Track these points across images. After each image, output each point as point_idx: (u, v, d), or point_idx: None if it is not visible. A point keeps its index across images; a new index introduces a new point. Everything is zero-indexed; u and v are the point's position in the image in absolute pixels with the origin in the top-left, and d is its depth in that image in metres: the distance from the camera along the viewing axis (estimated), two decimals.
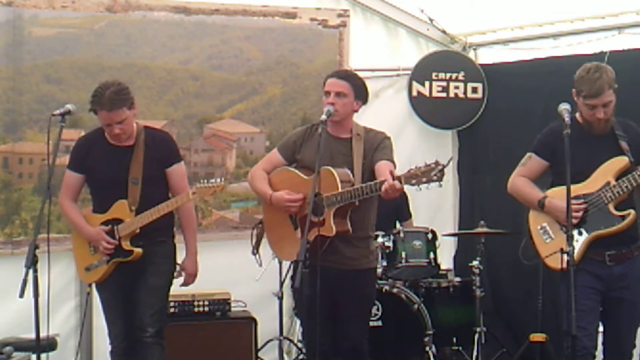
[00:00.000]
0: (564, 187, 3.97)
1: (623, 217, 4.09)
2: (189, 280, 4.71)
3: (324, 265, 4.00)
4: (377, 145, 4.31)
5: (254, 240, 4.90)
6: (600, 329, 4.31)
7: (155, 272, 4.46)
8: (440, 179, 3.78)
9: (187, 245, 4.65)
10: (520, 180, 4.42)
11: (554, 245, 4.16)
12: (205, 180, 4.12)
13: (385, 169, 4.08)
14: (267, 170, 4.51)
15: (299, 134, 4.49)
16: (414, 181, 3.82)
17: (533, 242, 4.33)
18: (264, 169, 4.52)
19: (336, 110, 4.27)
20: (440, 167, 3.76)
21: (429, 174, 3.77)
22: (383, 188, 3.89)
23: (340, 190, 4.08)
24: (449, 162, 3.81)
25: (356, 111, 4.42)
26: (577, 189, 4.10)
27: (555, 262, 4.05)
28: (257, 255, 4.92)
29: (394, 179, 3.84)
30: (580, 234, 4.17)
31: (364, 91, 4.41)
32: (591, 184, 4.15)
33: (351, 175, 4.19)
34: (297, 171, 4.38)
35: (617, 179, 4.11)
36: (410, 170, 3.84)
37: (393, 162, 4.27)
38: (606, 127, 4.19)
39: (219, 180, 4.09)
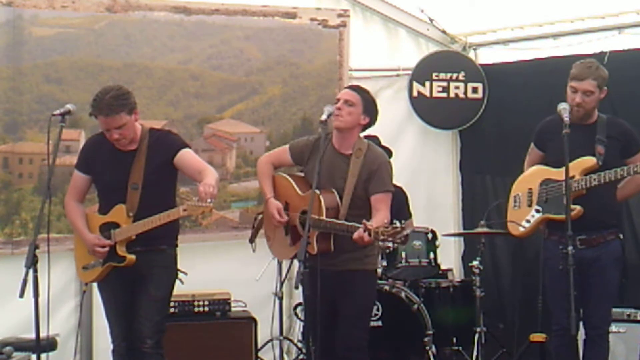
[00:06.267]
0: (538, 167, 4.72)
1: (571, 210, 4.33)
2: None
3: (323, 268, 4.14)
4: (375, 170, 4.40)
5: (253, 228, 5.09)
6: None
7: (155, 283, 4.42)
8: (403, 243, 3.99)
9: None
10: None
11: (518, 213, 4.75)
12: (196, 199, 4.11)
13: (379, 207, 4.30)
14: (274, 164, 4.71)
15: (309, 145, 4.58)
16: (382, 237, 3.96)
17: (506, 206, 4.88)
18: (272, 162, 4.71)
19: (341, 116, 4.39)
20: (405, 234, 3.94)
21: (395, 237, 3.94)
22: (353, 237, 4.08)
23: (324, 217, 4.26)
24: (410, 231, 4.15)
25: (363, 126, 4.50)
26: (551, 172, 4.61)
27: (513, 229, 4.77)
28: (254, 244, 5.03)
29: (365, 230, 4.00)
30: (537, 211, 4.65)
31: (373, 108, 4.51)
32: (562, 173, 4.38)
33: (339, 202, 4.35)
34: (294, 184, 4.55)
35: (583, 176, 4.43)
36: (379, 227, 3.97)
37: (389, 190, 4.42)
38: (584, 117, 4.52)
39: (209, 201, 4.08)
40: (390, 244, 3.98)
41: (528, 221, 4.67)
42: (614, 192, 4.58)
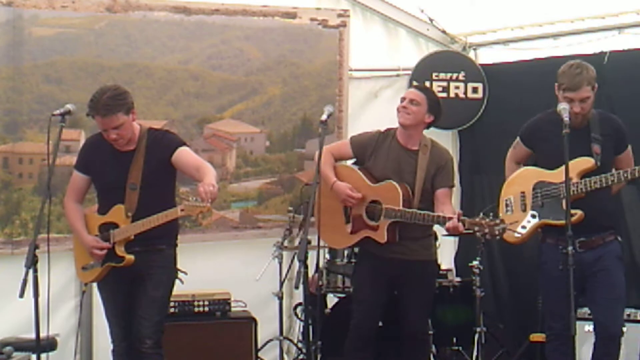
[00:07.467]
0: (529, 169, 4.62)
1: (571, 215, 4.22)
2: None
3: (390, 256, 4.64)
4: (442, 166, 4.73)
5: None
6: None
7: (154, 283, 4.42)
8: (500, 235, 4.22)
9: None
10: (509, 172, 4.84)
11: (511, 219, 4.54)
12: (194, 199, 4.11)
13: (444, 200, 4.63)
14: (335, 156, 4.92)
15: (372, 140, 4.83)
16: (477, 228, 4.25)
17: (497, 210, 4.69)
18: (332, 153, 4.91)
19: (407, 114, 4.68)
20: (503, 226, 4.19)
21: (493, 229, 4.21)
22: (447, 225, 4.38)
23: (401, 207, 4.55)
24: (512, 223, 4.28)
25: (427, 124, 4.78)
26: (545, 174, 4.48)
27: (508, 236, 4.49)
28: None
29: (459, 220, 4.32)
30: (533, 217, 4.51)
31: (437, 107, 4.81)
32: (557, 175, 4.34)
33: (411, 193, 4.64)
34: (363, 175, 4.78)
35: (580, 178, 4.33)
36: (477, 218, 4.28)
37: (453, 185, 4.78)
38: (582, 121, 4.42)
39: (209, 201, 4.07)
40: (487, 236, 4.22)
41: (524, 227, 4.52)
42: (610, 192, 4.50)
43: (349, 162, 5.02)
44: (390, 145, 4.78)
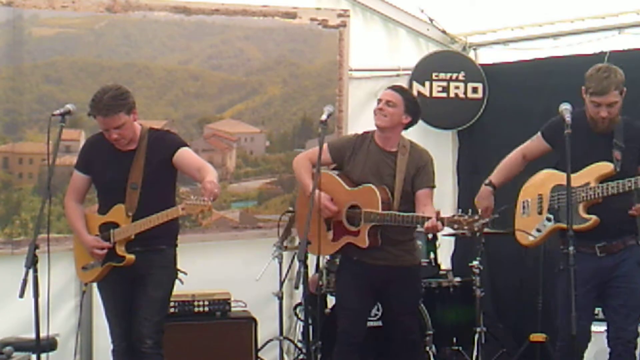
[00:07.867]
0: (549, 171, 4.49)
1: (586, 220, 4.24)
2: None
3: (373, 263, 4.54)
4: (422, 166, 4.63)
5: (281, 231, 5.52)
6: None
7: (154, 283, 4.41)
8: (480, 231, 4.21)
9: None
10: (509, 158, 4.79)
11: (527, 221, 4.52)
12: (194, 197, 4.10)
13: (426, 201, 4.53)
14: (312, 162, 4.72)
15: (351, 143, 4.75)
16: (455, 226, 4.19)
17: (514, 211, 4.64)
18: (309, 159, 4.76)
19: (384, 116, 4.58)
20: (482, 222, 4.15)
21: (472, 225, 4.15)
22: (426, 225, 4.29)
23: (380, 210, 4.43)
24: (492, 219, 4.27)
25: (404, 125, 4.67)
26: (563, 178, 4.25)
27: (522, 238, 4.53)
28: (283, 244, 5.54)
29: (438, 219, 4.22)
30: (549, 220, 4.43)
31: (415, 108, 4.69)
32: (576, 179, 4.24)
33: (390, 196, 4.52)
34: (340, 180, 4.67)
35: (600, 183, 4.26)
36: (455, 215, 4.23)
37: (433, 186, 4.66)
38: (609, 127, 4.32)
39: (211, 199, 4.07)
40: (468, 232, 4.20)
41: (539, 230, 4.46)
42: (629, 197, 4.33)
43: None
44: (369, 148, 4.67)
